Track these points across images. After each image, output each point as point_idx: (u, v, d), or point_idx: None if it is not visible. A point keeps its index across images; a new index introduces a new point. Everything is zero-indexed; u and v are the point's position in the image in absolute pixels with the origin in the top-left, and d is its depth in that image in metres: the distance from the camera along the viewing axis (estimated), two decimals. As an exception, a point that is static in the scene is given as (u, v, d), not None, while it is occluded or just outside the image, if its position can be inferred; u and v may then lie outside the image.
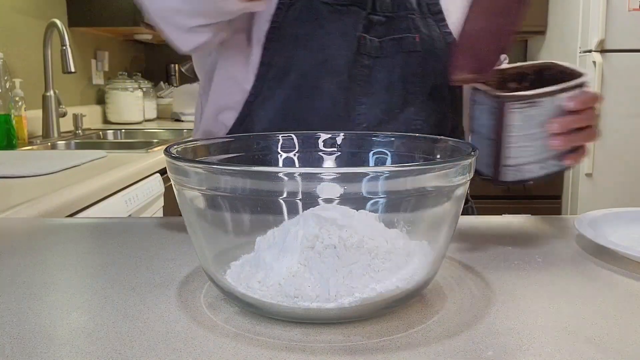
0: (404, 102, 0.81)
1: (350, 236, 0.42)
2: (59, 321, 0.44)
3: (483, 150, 0.64)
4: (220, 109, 0.84)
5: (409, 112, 0.81)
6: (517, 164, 0.63)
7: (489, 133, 0.64)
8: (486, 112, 0.64)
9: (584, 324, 0.42)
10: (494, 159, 0.63)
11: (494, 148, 0.63)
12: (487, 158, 0.64)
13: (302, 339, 0.40)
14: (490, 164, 0.64)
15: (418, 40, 0.82)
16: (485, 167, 0.65)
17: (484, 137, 0.64)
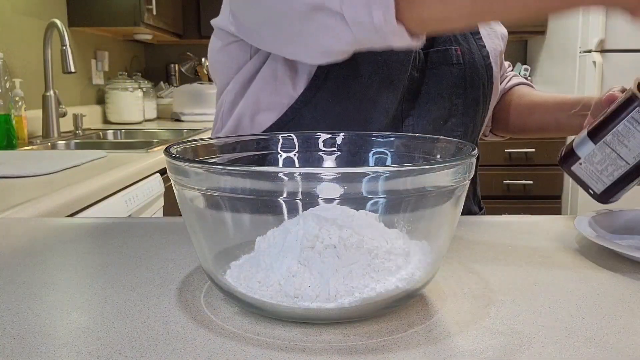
0: (448, 113, 0.84)
1: (350, 236, 0.42)
2: (59, 321, 0.44)
3: (605, 166, 0.61)
4: (260, 110, 0.81)
5: (451, 123, 0.84)
6: (632, 188, 0.60)
7: (629, 157, 0.60)
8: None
9: (584, 324, 0.42)
10: (619, 182, 0.60)
11: (624, 172, 0.60)
12: (606, 176, 0.61)
13: (302, 339, 0.40)
14: (606, 182, 0.61)
15: (459, 52, 0.84)
16: (596, 182, 0.62)
17: (617, 156, 0.60)
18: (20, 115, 1.92)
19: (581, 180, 0.65)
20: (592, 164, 0.63)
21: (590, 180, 0.63)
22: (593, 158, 0.63)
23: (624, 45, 2.80)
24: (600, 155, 0.62)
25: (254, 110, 0.82)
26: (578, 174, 0.64)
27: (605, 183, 0.62)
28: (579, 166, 0.64)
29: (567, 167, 0.65)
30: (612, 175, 0.61)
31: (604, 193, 0.63)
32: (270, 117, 0.81)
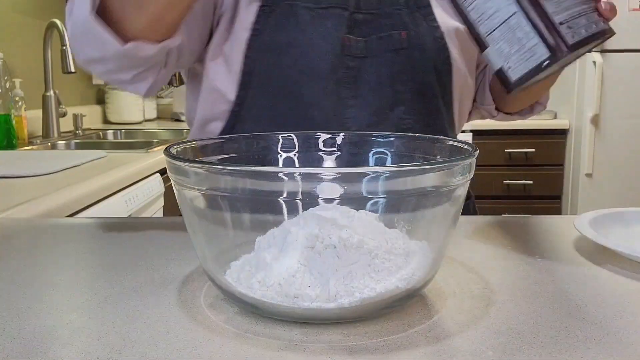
0: (393, 101, 0.80)
1: (350, 236, 0.42)
2: (59, 321, 0.44)
3: (511, 41, 0.54)
4: (207, 120, 0.84)
5: (398, 111, 0.80)
6: (567, 19, 0.53)
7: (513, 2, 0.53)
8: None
9: (584, 324, 0.42)
10: (541, 24, 0.52)
11: (533, 14, 0.53)
12: (525, 39, 0.53)
13: (302, 339, 0.40)
14: (537, 40, 0.53)
15: (405, 36, 0.80)
16: (525, 57, 0.54)
17: (503, 21, 0.54)
18: (20, 115, 1.92)
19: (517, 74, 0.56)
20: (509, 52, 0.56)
21: (518, 64, 0.56)
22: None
23: (624, 45, 2.80)
24: (499, 41, 0.56)
25: (204, 120, 0.85)
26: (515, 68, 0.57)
27: (533, 46, 0.55)
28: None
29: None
30: (528, 33, 0.55)
31: (554, 43, 0.55)
32: (218, 125, 0.83)
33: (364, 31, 0.79)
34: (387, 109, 0.80)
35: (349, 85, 0.79)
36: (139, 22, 0.69)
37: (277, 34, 0.78)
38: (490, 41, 0.55)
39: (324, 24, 0.78)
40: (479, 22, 0.55)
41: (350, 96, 0.79)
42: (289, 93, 0.78)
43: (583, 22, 0.54)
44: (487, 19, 0.54)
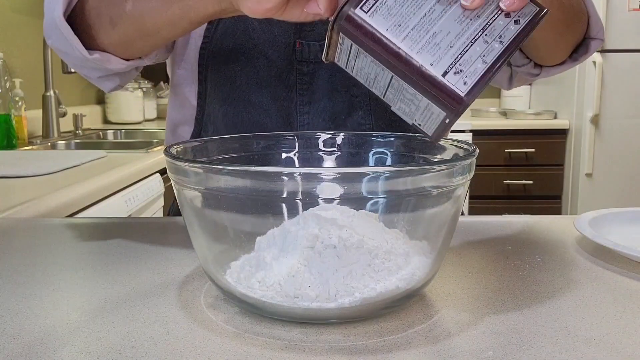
0: (349, 106, 0.78)
1: (350, 236, 0.42)
2: (59, 321, 0.44)
3: (405, 101, 0.46)
4: (177, 125, 0.86)
5: (356, 116, 0.78)
6: (452, 63, 0.43)
7: (382, 67, 0.45)
8: (360, 54, 0.45)
9: (584, 324, 0.42)
10: (422, 84, 0.43)
11: (408, 74, 0.43)
12: (416, 100, 0.45)
13: (302, 339, 0.40)
14: (426, 101, 0.44)
15: None
16: (428, 121, 0.47)
17: (388, 84, 0.47)
18: (20, 115, 1.92)
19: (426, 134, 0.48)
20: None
21: (429, 126, 0.48)
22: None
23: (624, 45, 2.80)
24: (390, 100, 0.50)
25: (174, 124, 0.87)
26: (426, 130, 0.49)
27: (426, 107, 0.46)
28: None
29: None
30: (413, 97, 0.47)
31: (452, 98, 0.45)
32: (186, 129, 0.84)
33: (320, 34, 0.78)
34: (344, 114, 0.78)
35: (302, 92, 0.77)
36: (110, 38, 0.68)
37: (225, 41, 0.77)
38: (388, 102, 0.49)
39: (272, 30, 0.77)
40: (368, 85, 0.49)
41: (305, 102, 0.77)
42: (239, 100, 0.78)
43: (477, 51, 0.43)
44: (373, 82, 0.48)
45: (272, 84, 0.77)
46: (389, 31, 0.43)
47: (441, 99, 0.43)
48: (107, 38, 0.68)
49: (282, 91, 0.77)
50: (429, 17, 0.44)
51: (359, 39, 0.44)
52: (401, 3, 0.44)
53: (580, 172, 2.93)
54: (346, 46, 0.46)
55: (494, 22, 0.44)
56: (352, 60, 0.47)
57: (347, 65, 0.49)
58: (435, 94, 0.43)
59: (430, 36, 0.43)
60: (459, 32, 0.44)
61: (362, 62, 0.46)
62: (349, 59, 0.47)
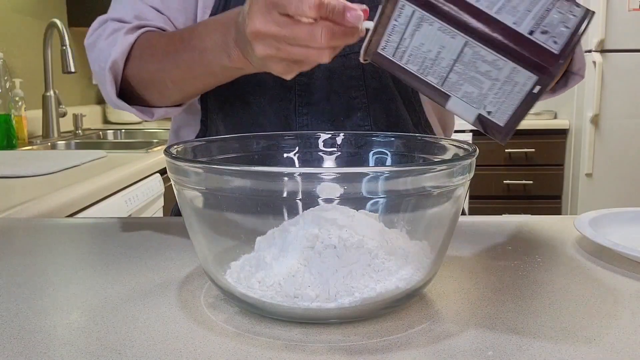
0: (348, 108, 0.77)
1: (350, 236, 0.42)
2: (59, 321, 0.44)
3: (477, 80, 0.42)
4: (180, 127, 0.87)
5: (355, 117, 0.78)
6: (537, 23, 0.40)
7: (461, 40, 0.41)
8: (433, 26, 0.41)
9: (584, 324, 0.42)
10: (508, 43, 0.39)
11: (491, 35, 0.40)
12: (496, 70, 0.40)
13: (302, 339, 0.40)
14: (512, 64, 0.40)
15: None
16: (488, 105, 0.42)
17: (456, 59, 0.42)
18: (20, 115, 1.92)
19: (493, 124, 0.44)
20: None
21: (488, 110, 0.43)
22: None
23: (624, 45, 2.80)
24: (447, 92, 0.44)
25: (177, 126, 0.88)
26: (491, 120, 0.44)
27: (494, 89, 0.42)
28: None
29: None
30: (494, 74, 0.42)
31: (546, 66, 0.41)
32: (190, 131, 0.85)
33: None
34: (343, 116, 0.78)
35: (301, 93, 0.77)
36: (166, 102, 0.77)
37: None
38: (449, 89, 0.42)
39: None
40: (423, 72, 0.43)
41: (303, 104, 0.77)
42: (238, 102, 0.78)
43: (557, 17, 0.40)
44: (432, 65, 0.42)
45: (270, 86, 0.77)
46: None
47: (532, 57, 0.39)
48: (162, 102, 0.77)
49: (281, 92, 0.77)
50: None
51: (429, 1, 0.40)
52: None
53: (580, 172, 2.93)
54: (404, 19, 0.42)
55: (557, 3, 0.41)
56: (408, 39, 0.42)
57: (396, 53, 0.43)
58: (525, 53, 0.39)
59: (504, 0, 0.40)
60: (532, 1, 0.40)
61: (423, 36, 0.41)
62: (403, 37, 0.42)
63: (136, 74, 0.75)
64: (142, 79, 0.75)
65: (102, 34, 0.77)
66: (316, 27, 0.48)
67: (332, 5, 0.48)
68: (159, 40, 0.74)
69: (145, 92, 0.76)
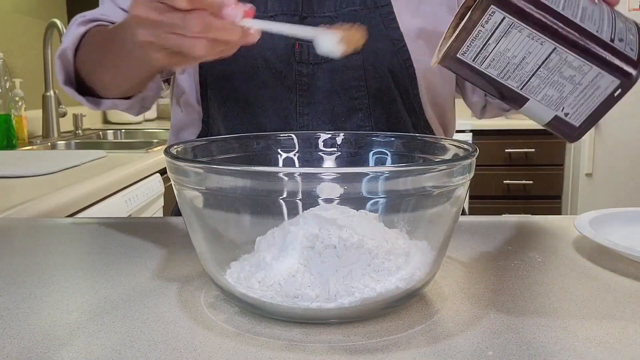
0: (349, 108, 0.77)
1: (350, 236, 0.42)
2: (59, 321, 0.44)
3: (559, 84, 0.43)
4: (180, 128, 0.87)
5: (356, 118, 0.77)
6: (615, 32, 0.43)
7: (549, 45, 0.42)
8: (523, 31, 0.42)
9: (584, 324, 0.42)
10: (595, 50, 0.42)
11: (578, 41, 0.42)
12: (580, 74, 0.43)
13: (302, 339, 0.40)
14: (597, 70, 0.42)
15: None
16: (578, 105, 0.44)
17: (541, 64, 0.43)
18: (20, 115, 1.92)
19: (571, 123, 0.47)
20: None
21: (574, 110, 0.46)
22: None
23: (624, 45, 2.80)
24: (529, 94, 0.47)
25: (178, 127, 0.89)
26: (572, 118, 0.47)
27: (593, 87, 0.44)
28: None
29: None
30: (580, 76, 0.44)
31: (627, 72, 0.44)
32: (190, 132, 0.85)
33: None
34: (344, 116, 0.77)
35: (302, 93, 0.77)
36: (110, 92, 0.77)
37: None
38: (528, 92, 0.44)
39: (269, 32, 0.77)
40: (504, 77, 0.44)
41: (305, 103, 0.77)
42: (239, 101, 0.78)
43: (623, 26, 0.44)
44: (514, 70, 0.44)
45: (271, 85, 0.77)
46: (547, 1, 0.42)
47: (618, 63, 0.41)
48: (105, 93, 0.77)
49: (282, 92, 0.77)
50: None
51: (522, 7, 0.41)
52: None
53: (580, 172, 2.93)
54: (491, 25, 0.43)
55: (613, 11, 0.45)
56: (493, 44, 0.43)
57: (477, 57, 0.44)
58: (612, 59, 0.41)
59: (582, 9, 0.43)
60: (600, 9, 0.43)
61: (510, 41, 0.43)
62: (488, 43, 0.43)
63: (81, 65, 0.77)
64: (87, 70, 0.76)
65: (70, 29, 0.81)
66: (191, 15, 0.49)
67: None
68: (101, 32, 0.76)
69: (91, 82, 0.77)
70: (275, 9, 0.77)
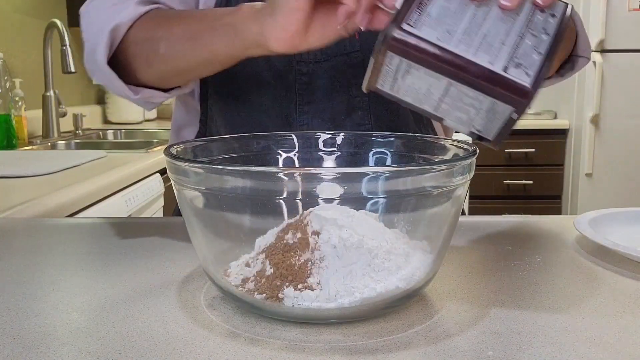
0: (348, 107, 0.77)
1: (350, 236, 0.42)
2: (59, 321, 0.44)
3: (464, 109, 0.46)
4: (180, 127, 0.87)
5: (356, 116, 0.77)
6: (510, 58, 0.44)
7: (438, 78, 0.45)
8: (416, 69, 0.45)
9: (584, 324, 0.42)
10: (484, 84, 0.43)
11: (469, 76, 0.44)
12: (478, 104, 0.45)
13: (302, 339, 0.40)
14: (490, 100, 0.44)
15: (357, 38, 0.76)
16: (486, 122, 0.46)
17: (443, 94, 0.46)
18: (20, 115, 1.92)
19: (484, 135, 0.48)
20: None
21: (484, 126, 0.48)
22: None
23: (624, 45, 2.80)
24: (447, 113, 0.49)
25: (178, 126, 0.88)
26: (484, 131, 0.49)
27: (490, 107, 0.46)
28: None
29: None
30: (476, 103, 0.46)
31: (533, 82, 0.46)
32: (190, 131, 0.85)
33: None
34: (343, 115, 0.77)
35: (302, 92, 0.77)
36: (148, 76, 0.72)
37: None
38: (442, 114, 0.48)
39: None
40: (419, 102, 0.48)
41: (305, 102, 0.77)
42: (239, 100, 0.78)
43: (529, 45, 0.44)
44: (425, 98, 0.47)
45: (271, 84, 0.77)
46: (440, 40, 0.44)
47: (508, 93, 0.43)
48: (145, 75, 0.72)
49: (282, 91, 0.77)
50: (474, 22, 0.45)
51: (411, 53, 0.44)
52: (444, 13, 0.45)
53: (580, 172, 2.93)
54: (393, 66, 0.46)
55: (533, 18, 0.46)
56: (400, 80, 0.47)
57: (392, 88, 0.48)
58: (501, 91, 0.43)
59: (481, 38, 0.44)
60: (506, 30, 0.45)
61: (413, 77, 0.46)
62: (396, 78, 0.47)
63: (133, 45, 0.71)
64: (138, 51, 0.71)
65: (106, 2, 0.74)
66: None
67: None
68: (176, 14, 0.72)
69: (138, 64, 0.72)
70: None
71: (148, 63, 0.71)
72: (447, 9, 0.45)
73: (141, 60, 0.71)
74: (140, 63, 0.71)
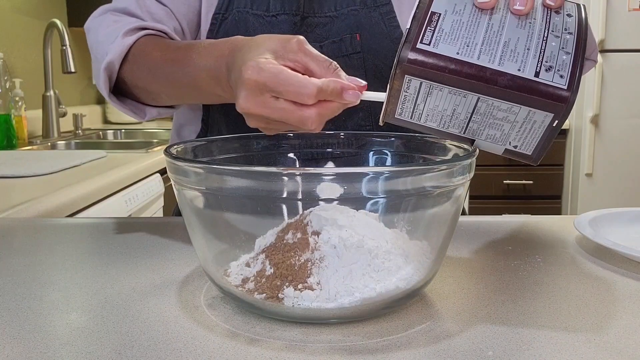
0: (350, 108, 0.78)
1: (350, 236, 0.42)
2: (59, 321, 0.44)
3: (496, 125, 0.43)
4: (181, 126, 0.87)
5: (357, 117, 0.77)
6: (540, 61, 0.42)
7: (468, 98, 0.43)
8: (443, 91, 0.43)
9: (584, 324, 0.42)
10: (517, 93, 0.41)
11: (498, 89, 0.41)
12: (512, 115, 0.42)
13: (302, 339, 0.40)
14: (526, 109, 0.41)
15: (358, 39, 0.76)
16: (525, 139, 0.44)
17: (472, 113, 0.43)
18: (20, 115, 1.92)
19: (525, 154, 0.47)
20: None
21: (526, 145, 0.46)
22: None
23: (624, 45, 2.80)
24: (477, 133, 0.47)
25: (178, 125, 0.88)
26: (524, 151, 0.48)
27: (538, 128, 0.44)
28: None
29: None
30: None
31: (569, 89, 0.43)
32: (191, 130, 0.85)
33: (320, 35, 0.77)
34: (344, 116, 0.75)
35: None
36: (160, 102, 0.76)
37: None
38: (472, 135, 0.45)
39: (272, 31, 0.76)
40: (444, 126, 0.45)
41: None
42: None
43: (555, 46, 0.42)
44: (451, 120, 0.44)
45: None
46: (460, 54, 0.42)
47: (544, 100, 0.41)
48: (147, 100, 0.76)
49: None
50: (491, 31, 0.43)
51: (431, 73, 0.42)
52: (458, 27, 0.43)
53: (580, 172, 2.93)
54: (412, 90, 0.43)
55: (551, 20, 0.44)
56: (421, 104, 0.44)
57: (413, 115, 0.45)
58: (537, 98, 0.41)
59: (503, 47, 0.42)
60: (527, 35, 0.43)
61: (435, 99, 0.43)
62: (417, 103, 0.44)
63: (130, 78, 0.74)
64: (135, 84, 0.74)
65: (103, 22, 0.76)
66: (308, 113, 0.47)
67: (330, 88, 0.48)
68: (155, 50, 0.73)
69: (138, 94, 0.76)
70: (277, 8, 0.77)
71: (154, 100, 0.75)
72: (460, 23, 0.43)
73: (147, 97, 0.75)
74: (147, 98, 0.75)
